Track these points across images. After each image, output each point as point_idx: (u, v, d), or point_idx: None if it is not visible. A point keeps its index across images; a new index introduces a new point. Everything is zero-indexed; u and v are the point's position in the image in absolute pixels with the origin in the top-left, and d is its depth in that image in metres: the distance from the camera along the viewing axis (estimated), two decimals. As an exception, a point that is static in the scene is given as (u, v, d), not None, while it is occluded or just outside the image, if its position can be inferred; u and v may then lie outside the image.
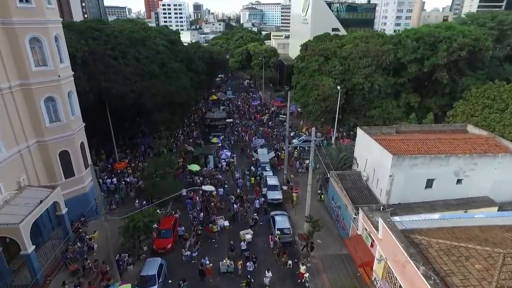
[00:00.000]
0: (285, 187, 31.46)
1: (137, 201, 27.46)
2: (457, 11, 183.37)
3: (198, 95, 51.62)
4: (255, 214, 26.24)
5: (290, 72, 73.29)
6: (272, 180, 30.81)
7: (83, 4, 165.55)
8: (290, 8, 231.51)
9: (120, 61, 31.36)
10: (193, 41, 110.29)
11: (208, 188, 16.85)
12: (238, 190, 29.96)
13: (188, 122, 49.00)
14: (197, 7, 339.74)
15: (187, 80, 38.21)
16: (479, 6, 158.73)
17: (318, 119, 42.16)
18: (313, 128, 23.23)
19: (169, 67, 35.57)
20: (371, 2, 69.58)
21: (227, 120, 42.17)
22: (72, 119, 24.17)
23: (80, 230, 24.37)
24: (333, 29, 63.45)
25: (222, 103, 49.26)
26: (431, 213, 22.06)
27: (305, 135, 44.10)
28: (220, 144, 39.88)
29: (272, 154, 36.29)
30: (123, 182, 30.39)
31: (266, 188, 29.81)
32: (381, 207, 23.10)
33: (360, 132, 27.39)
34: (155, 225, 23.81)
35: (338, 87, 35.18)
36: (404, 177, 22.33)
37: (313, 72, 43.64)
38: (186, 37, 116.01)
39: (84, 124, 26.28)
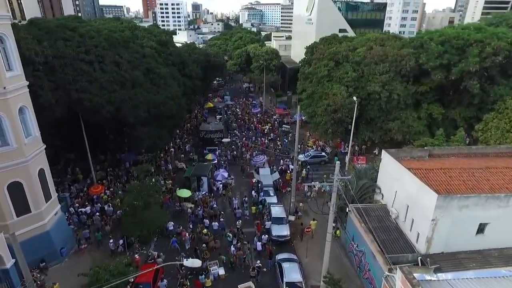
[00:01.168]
0: (292, 218, 26.39)
1: (111, 241, 22.24)
2: (461, 12, 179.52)
3: (192, 102, 46.49)
4: (258, 261, 21.06)
5: (292, 76, 68.36)
6: (277, 211, 25.69)
7: (77, 2, 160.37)
8: (290, 8, 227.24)
9: (96, 67, 26.19)
10: (190, 41, 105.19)
11: (193, 263, 11.76)
12: (238, 222, 24.84)
13: (181, 133, 43.84)
14: (195, 7, 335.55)
15: (177, 88, 33.04)
16: (484, 8, 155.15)
17: (327, 132, 37.09)
18: (338, 163, 17.95)
19: (156, 73, 30.42)
20: (379, 2, 64.66)
21: (223, 140, 36.71)
22: (25, 142, 18.99)
23: (36, 283, 19.15)
24: (340, 30, 58.44)
25: (219, 112, 44.24)
26: (485, 267, 17.16)
27: (312, 150, 39.02)
28: (215, 161, 34.73)
29: (277, 175, 31.16)
30: (97, 214, 25.19)
31: (270, 222, 24.68)
32: (419, 257, 18.14)
33: (386, 156, 22.38)
34: (131, 280, 18.64)
35: (355, 98, 30.13)
36: (451, 221, 17.31)
37: (322, 79, 38.60)
38: (182, 37, 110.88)
39: (45, 146, 21.04)
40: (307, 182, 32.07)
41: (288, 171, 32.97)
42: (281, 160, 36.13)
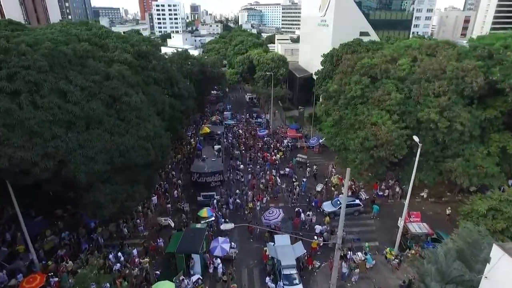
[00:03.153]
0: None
1: None
2: (471, 10, 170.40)
3: (184, 127, 37.24)
4: None
5: (303, 86, 59.24)
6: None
7: (67, 4, 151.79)
8: (291, 9, 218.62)
9: (23, 101, 16.85)
10: (186, 45, 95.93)
11: None
12: None
13: (168, 167, 34.41)
14: (194, 8, 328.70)
15: (158, 121, 23.61)
16: (498, 6, 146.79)
17: (362, 173, 27.71)
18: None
19: (126, 103, 21.07)
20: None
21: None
22: None
23: None
24: (361, 33, 49.20)
25: (217, 140, 34.90)
26: None
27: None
28: (213, 218, 25.34)
29: (301, 249, 21.53)
30: None
31: None
32: None
33: (506, 262, 12.98)
34: None
35: (416, 139, 20.76)
36: None
37: (353, 100, 29.21)
38: (177, 41, 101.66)
39: None
40: (343, 252, 22.71)
41: (315, 238, 23.51)
42: (302, 214, 26.66)
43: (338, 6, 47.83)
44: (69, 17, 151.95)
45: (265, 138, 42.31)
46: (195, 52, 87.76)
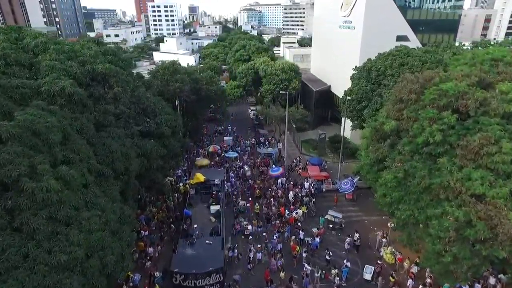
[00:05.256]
0: None
1: None
2: (485, 8, 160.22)
3: (168, 172, 26.70)
4: None
5: (319, 101, 48.90)
6: None
7: (54, 6, 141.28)
8: (293, 9, 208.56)
9: None
10: (180, 52, 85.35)
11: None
12: None
13: (144, 238, 23.65)
14: (192, 9, 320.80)
15: (106, 216, 12.95)
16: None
17: (456, 273, 17.01)
18: None
19: (27, 194, 10.43)
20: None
21: None
22: None
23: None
24: (398, 38, 38.64)
25: (215, 195, 24.19)
26: None
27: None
28: None
29: None
30: None
31: None
32: None
33: None
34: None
35: None
36: None
37: (426, 146, 18.56)
38: (171, 46, 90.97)
39: None
40: None
41: None
42: None
43: (369, 3, 37.19)
44: (56, 19, 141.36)
45: (280, 180, 31.54)
46: (190, 59, 77.27)
